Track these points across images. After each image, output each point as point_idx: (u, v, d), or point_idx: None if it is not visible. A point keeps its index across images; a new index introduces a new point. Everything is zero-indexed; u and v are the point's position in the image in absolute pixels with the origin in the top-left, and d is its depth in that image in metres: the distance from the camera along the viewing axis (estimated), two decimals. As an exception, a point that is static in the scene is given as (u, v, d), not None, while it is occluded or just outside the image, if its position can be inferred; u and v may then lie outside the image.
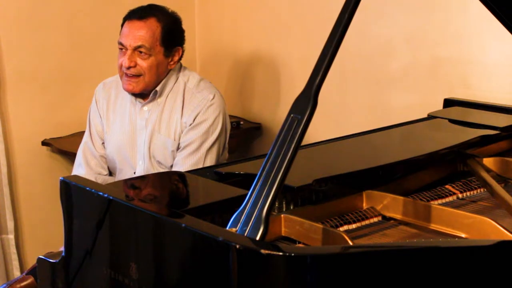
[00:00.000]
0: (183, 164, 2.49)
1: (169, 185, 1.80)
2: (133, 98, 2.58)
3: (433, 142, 2.15)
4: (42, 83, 3.19)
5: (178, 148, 2.54)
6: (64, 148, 3.14)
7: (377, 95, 2.90)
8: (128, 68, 2.46)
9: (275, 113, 3.31)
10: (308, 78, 1.43)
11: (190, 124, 2.51)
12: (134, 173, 2.59)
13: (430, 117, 2.37)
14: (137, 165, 2.58)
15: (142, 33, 2.46)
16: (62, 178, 1.62)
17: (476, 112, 2.40)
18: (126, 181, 1.94)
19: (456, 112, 2.42)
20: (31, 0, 3.11)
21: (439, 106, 2.54)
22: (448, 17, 2.64)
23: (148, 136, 2.55)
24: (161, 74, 2.53)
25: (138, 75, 2.48)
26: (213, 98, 2.53)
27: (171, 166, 2.55)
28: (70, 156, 3.12)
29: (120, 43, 2.49)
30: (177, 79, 2.57)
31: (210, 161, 2.51)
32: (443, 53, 2.67)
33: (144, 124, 2.55)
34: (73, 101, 3.26)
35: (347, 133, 2.21)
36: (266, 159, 1.37)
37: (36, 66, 3.16)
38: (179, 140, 2.53)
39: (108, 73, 2.74)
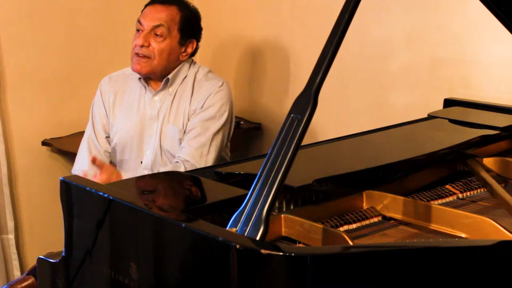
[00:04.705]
0: (189, 146, 2.51)
1: (169, 185, 1.80)
2: (143, 88, 2.60)
3: (433, 142, 2.15)
4: (42, 83, 3.19)
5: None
6: (64, 148, 3.14)
7: (377, 95, 2.90)
8: (141, 46, 2.49)
9: (275, 113, 3.30)
10: (309, 78, 1.43)
11: (200, 109, 2.54)
12: (141, 162, 2.60)
13: (430, 117, 2.37)
14: (144, 154, 2.59)
15: (163, 15, 2.52)
16: (62, 178, 1.62)
17: (476, 112, 2.40)
18: (126, 181, 1.94)
19: (456, 112, 2.42)
20: (31, 0, 3.11)
21: (439, 106, 2.54)
22: (448, 17, 2.64)
23: (159, 126, 2.56)
24: (171, 62, 2.55)
25: (148, 57, 2.50)
26: (221, 85, 2.58)
27: None
28: (70, 156, 3.11)
29: (139, 22, 2.53)
30: (188, 72, 2.61)
31: (215, 147, 2.53)
32: (443, 53, 2.67)
33: (156, 114, 2.58)
34: (73, 101, 3.26)
35: (347, 133, 2.21)
36: (266, 159, 1.37)
37: (36, 66, 3.16)
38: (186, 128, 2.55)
39: (108, 73, 2.74)
